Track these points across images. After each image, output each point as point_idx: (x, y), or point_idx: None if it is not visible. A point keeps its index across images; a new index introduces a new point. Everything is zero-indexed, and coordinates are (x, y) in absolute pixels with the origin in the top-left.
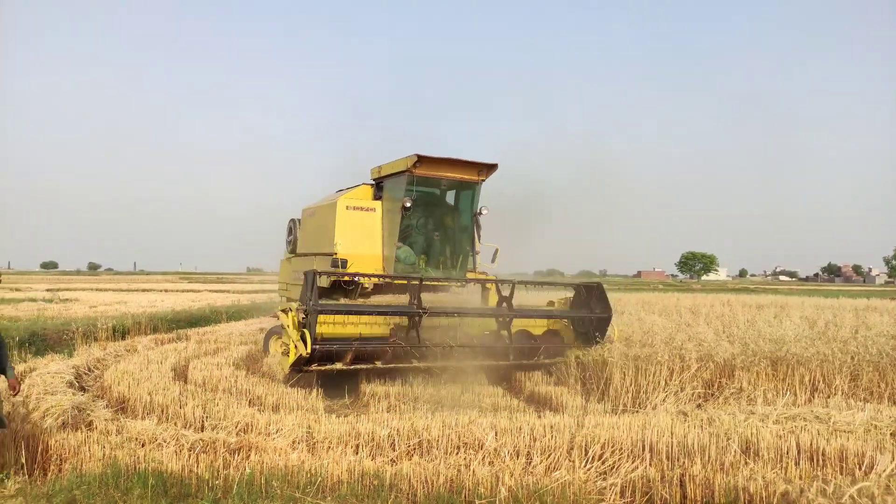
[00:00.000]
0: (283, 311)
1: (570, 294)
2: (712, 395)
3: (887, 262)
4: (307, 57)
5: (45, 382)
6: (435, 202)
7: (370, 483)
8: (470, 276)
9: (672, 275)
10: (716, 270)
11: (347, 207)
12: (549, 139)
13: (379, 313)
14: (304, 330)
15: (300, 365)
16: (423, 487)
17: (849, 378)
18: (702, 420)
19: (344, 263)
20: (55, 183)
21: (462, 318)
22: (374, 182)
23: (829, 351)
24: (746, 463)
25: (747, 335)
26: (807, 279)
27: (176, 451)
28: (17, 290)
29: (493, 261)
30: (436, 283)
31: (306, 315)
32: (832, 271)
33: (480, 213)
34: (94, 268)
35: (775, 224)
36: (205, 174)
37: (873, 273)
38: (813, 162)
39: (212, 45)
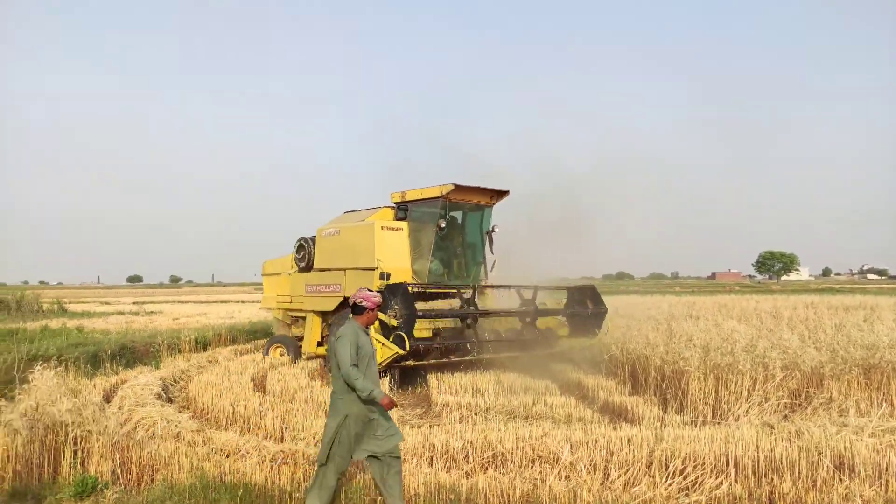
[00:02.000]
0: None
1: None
2: (799, 405)
3: None
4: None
5: (136, 394)
6: (455, 222)
7: (446, 497)
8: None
9: (749, 276)
10: (797, 270)
11: (383, 228)
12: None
13: (455, 316)
14: (400, 332)
15: (395, 363)
16: (500, 502)
17: None
18: (789, 433)
19: (388, 276)
20: (141, 200)
21: (493, 317)
22: (395, 205)
23: None
24: (841, 480)
25: (836, 341)
26: None
27: (259, 463)
28: (106, 303)
29: (490, 270)
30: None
31: (402, 320)
32: None
33: (494, 231)
34: (175, 280)
35: (861, 218)
36: (276, 188)
37: None
38: None
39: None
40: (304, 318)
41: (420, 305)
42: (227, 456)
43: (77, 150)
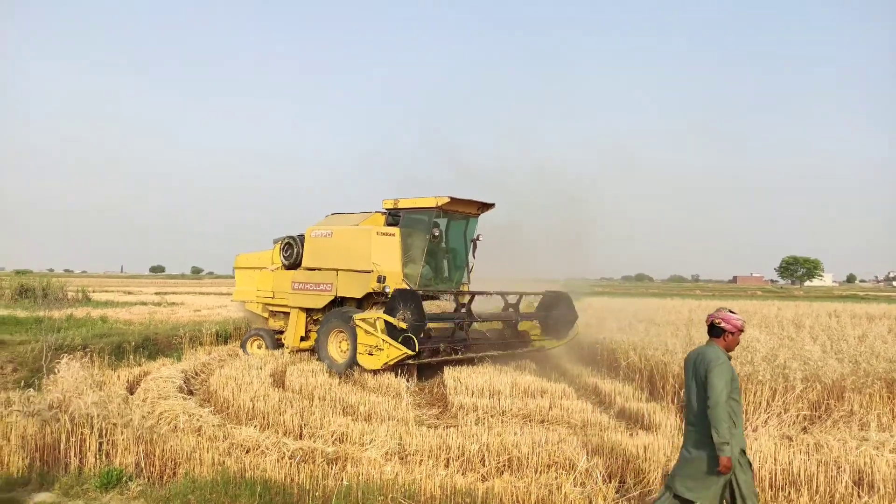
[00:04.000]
0: (363, 319)
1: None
2: (819, 418)
3: None
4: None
5: (159, 387)
6: (444, 230)
7: (462, 500)
8: (465, 288)
9: (772, 280)
10: (820, 276)
11: (378, 233)
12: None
13: (455, 320)
14: (410, 335)
15: (402, 361)
16: None
17: None
18: (808, 446)
19: (384, 279)
20: (163, 191)
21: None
22: (387, 211)
23: None
24: (860, 496)
25: (858, 352)
26: None
27: (278, 459)
28: (129, 293)
29: (469, 273)
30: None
31: (412, 325)
32: None
33: (478, 239)
34: (196, 271)
35: (887, 223)
36: (296, 177)
37: None
38: None
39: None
40: (284, 313)
41: None
42: (248, 452)
43: (100, 142)
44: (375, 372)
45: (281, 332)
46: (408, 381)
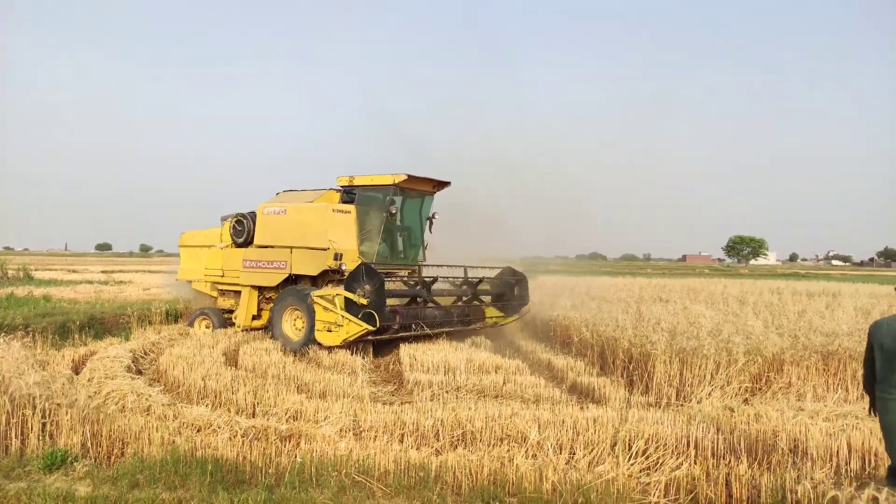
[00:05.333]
0: (321, 296)
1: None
2: (760, 389)
3: None
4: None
5: (106, 367)
6: (400, 208)
7: (416, 474)
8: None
9: (719, 259)
10: (765, 255)
11: (334, 210)
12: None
13: (413, 295)
14: (370, 310)
15: (364, 337)
16: (468, 480)
17: None
18: (748, 416)
19: (341, 256)
20: (109, 166)
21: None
22: (342, 188)
23: None
24: (795, 463)
25: (798, 327)
26: (861, 264)
27: (230, 438)
28: (73, 271)
29: (424, 251)
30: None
31: (372, 300)
32: (889, 256)
33: (434, 217)
34: (145, 249)
35: (828, 205)
36: (251, 157)
37: None
38: (867, 141)
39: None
40: (234, 292)
41: None
42: (199, 431)
43: (45, 116)
44: (331, 349)
45: (231, 312)
46: (363, 358)
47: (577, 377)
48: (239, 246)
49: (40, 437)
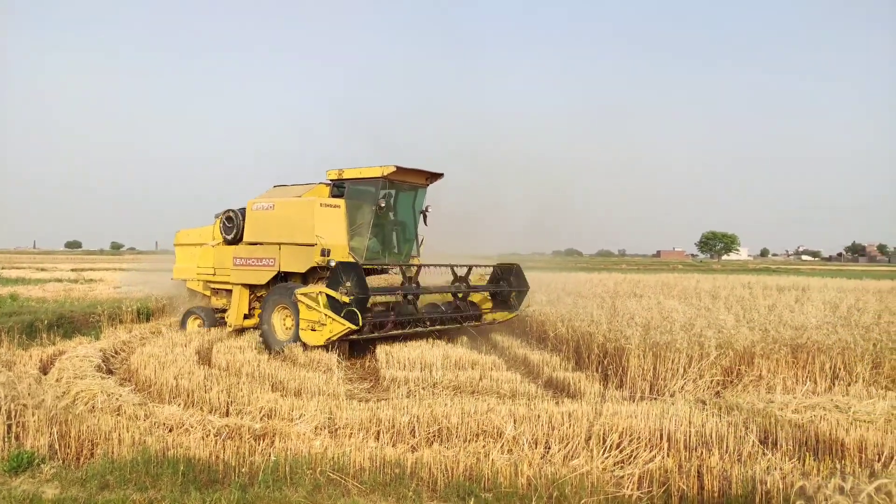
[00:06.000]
0: (305, 294)
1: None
2: (731, 382)
3: None
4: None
5: (75, 366)
6: (389, 201)
7: (392, 471)
8: (415, 261)
9: (692, 254)
10: (737, 250)
11: (322, 205)
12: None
13: (400, 292)
14: (353, 309)
15: (346, 336)
16: (444, 476)
17: (870, 366)
18: (720, 409)
19: (329, 252)
20: (79, 163)
21: (431, 293)
22: (332, 182)
23: (851, 338)
24: (764, 454)
25: (768, 321)
26: (830, 259)
27: (203, 437)
28: (42, 269)
29: (420, 246)
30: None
31: (355, 298)
32: (856, 251)
33: (427, 210)
34: (116, 247)
35: (799, 202)
36: (223, 156)
37: None
38: (837, 139)
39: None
40: (226, 290)
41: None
42: (171, 430)
43: (13, 110)
44: (305, 347)
45: (224, 311)
46: (339, 356)
47: (552, 372)
48: (229, 243)
49: (6, 440)
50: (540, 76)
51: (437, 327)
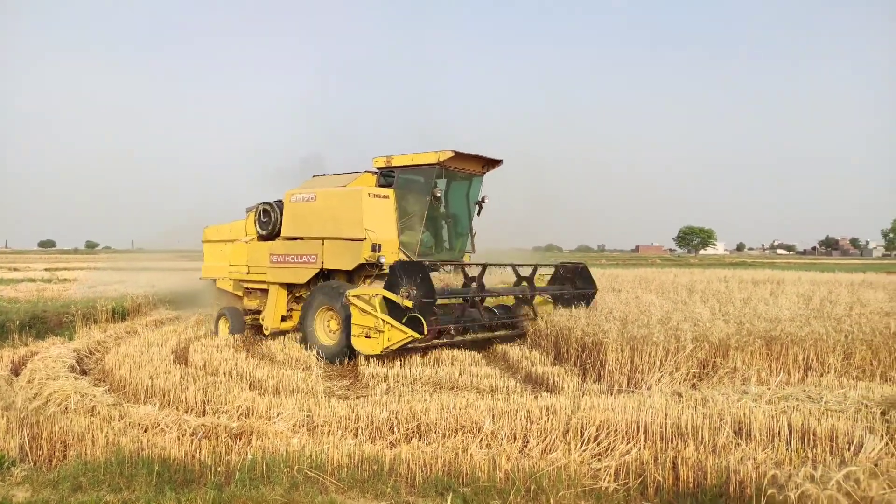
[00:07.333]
0: (358, 296)
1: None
2: (706, 375)
3: (884, 234)
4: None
5: (47, 367)
6: (444, 192)
7: (370, 468)
8: (467, 258)
9: (670, 249)
10: (714, 245)
11: (370, 195)
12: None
13: (465, 295)
14: (416, 315)
15: (407, 345)
16: (422, 472)
17: (842, 356)
18: (696, 401)
19: (380, 247)
20: (52, 162)
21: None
22: (378, 170)
23: (824, 329)
24: (738, 444)
25: (743, 314)
26: (804, 252)
27: (178, 437)
28: (15, 269)
29: (472, 241)
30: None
31: (418, 303)
32: (830, 244)
33: (484, 201)
34: (91, 246)
35: (774, 197)
36: (198, 157)
37: (870, 246)
38: (810, 135)
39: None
40: (261, 290)
41: None
42: (146, 430)
43: None
44: (281, 338)
45: (257, 312)
46: (318, 353)
47: (531, 367)
48: (265, 238)
49: None
50: (523, 68)
51: (501, 333)
